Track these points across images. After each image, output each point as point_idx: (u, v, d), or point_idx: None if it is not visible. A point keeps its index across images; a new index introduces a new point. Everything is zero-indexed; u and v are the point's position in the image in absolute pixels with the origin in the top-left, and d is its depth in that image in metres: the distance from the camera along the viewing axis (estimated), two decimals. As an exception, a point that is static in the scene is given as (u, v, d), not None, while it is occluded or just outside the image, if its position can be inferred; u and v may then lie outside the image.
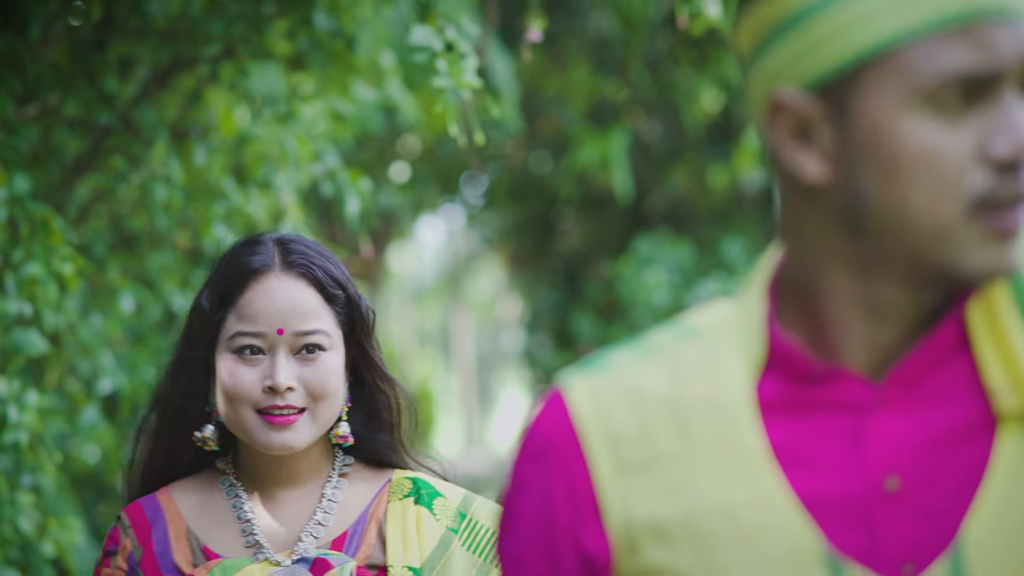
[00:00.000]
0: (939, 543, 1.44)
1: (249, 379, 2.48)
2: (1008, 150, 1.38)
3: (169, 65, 4.73)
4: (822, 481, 1.46)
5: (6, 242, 4.12)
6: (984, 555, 1.44)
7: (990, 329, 1.48)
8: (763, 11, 1.46)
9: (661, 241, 8.58)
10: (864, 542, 1.44)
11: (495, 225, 12.27)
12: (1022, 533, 1.45)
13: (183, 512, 2.53)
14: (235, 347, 2.50)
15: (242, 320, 2.51)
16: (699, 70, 8.47)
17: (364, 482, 2.60)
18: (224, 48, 4.59)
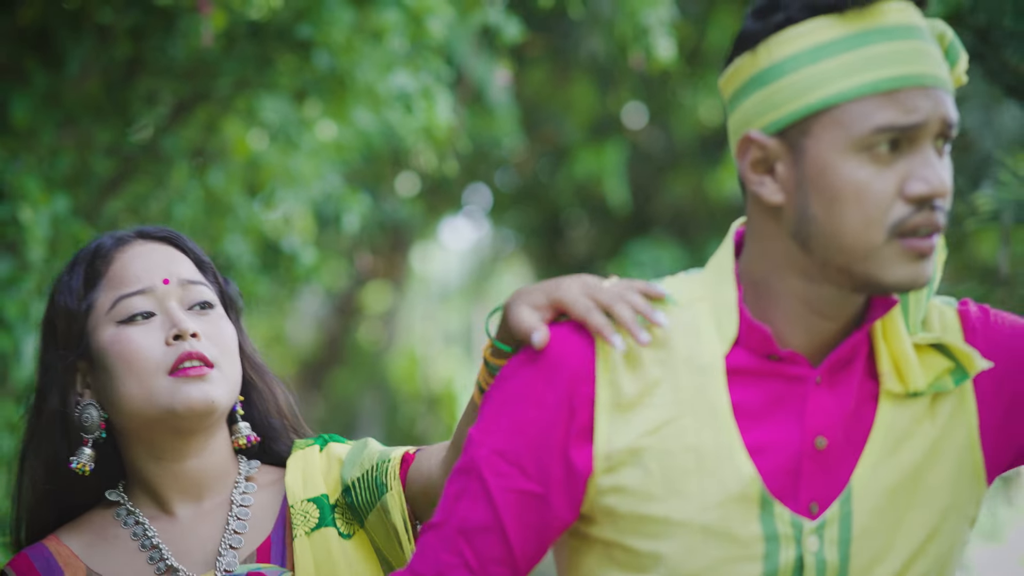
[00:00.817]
0: (837, 487, 1.82)
1: (148, 340, 2.17)
2: (922, 191, 1.75)
3: (189, 98, 5.13)
4: (769, 436, 1.82)
5: (48, 255, 4.54)
6: (864, 496, 1.82)
7: (885, 328, 1.87)
8: (742, 67, 1.78)
9: (656, 246, 8.92)
10: (790, 486, 1.81)
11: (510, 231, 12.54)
12: (892, 478, 1.84)
13: (79, 554, 2.20)
14: (121, 317, 2.19)
15: (120, 286, 2.20)
16: (691, 87, 8.81)
17: (273, 485, 2.29)
18: (237, 83, 5.00)
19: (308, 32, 4.65)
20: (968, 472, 1.86)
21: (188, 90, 5.10)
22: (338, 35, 4.63)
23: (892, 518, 1.82)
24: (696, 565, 1.79)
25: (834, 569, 1.79)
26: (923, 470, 1.84)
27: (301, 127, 5.15)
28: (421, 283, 18.58)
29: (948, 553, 1.86)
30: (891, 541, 1.82)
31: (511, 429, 1.82)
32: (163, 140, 5.14)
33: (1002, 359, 1.86)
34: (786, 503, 1.80)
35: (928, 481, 1.84)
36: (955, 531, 1.86)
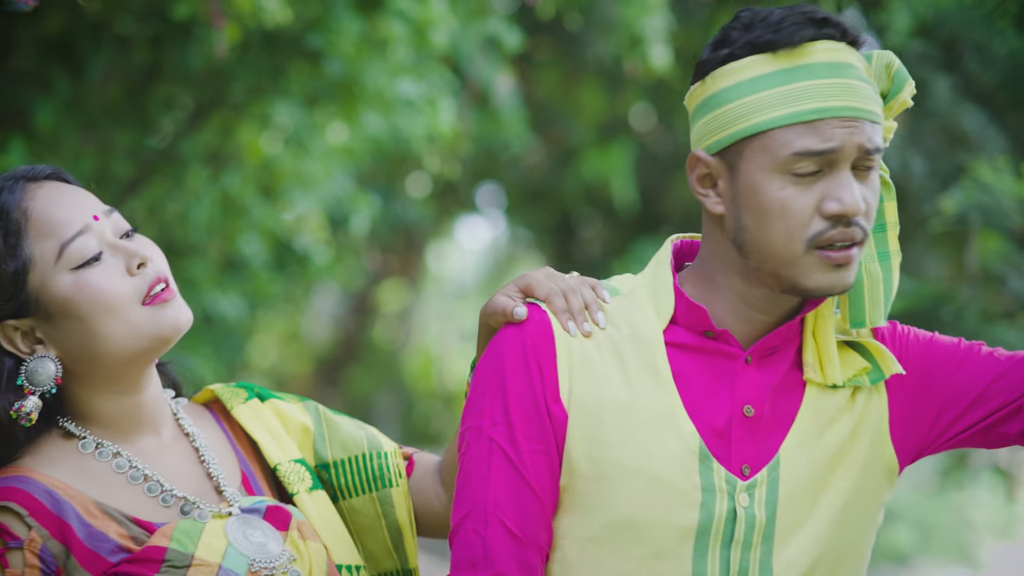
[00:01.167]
0: (767, 456, 2.08)
1: (112, 278, 2.14)
2: (835, 209, 2.02)
3: (205, 103, 5.27)
4: (704, 401, 2.09)
5: None
6: (790, 465, 2.07)
7: (816, 325, 2.14)
8: (696, 92, 2.11)
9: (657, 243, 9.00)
10: (723, 447, 2.07)
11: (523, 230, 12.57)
12: (815, 455, 2.08)
13: (75, 485, 2.14)
14: (75, 263, 2.12)
15: (54, 234, 2.12)
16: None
17: (200, 416, 2.33)
18: (250, 89, 5.12)
19: (318, 41, 4.77)
20: (879, 459, 2.11)
21: (204, 96, 5.24)
22: (346, 44, 4.75)
23: (813, 488, 2.06)
24: (640, 509, 2.02)
25: (761, 526, 2.03)
26: (842, 452, 2.09)
27: (312, 131, 5.28)
28: (436, 282, 18.63)
29: (862, 527, 2.11)
30: (812, 508, 2.06)
31: (506, 401, 2.08)
32: (180, 144, 5.26)
33: (907, 366, 2.14)
34: (722, 463, 2.05)
35: (845, 461, 2.09)
36: (868, 509, 2.11)
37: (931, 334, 2.21)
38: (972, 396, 2.13)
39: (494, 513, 2.06)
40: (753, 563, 2.03)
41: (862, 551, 2.14)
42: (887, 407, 2.13)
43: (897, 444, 2.13)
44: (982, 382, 2.13)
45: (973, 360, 2.15)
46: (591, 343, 2.11)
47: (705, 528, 2.02)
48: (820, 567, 2.06)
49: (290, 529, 2.19)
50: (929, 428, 2.14)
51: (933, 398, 2.14)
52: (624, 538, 2.04)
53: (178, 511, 2.16)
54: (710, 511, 2.03)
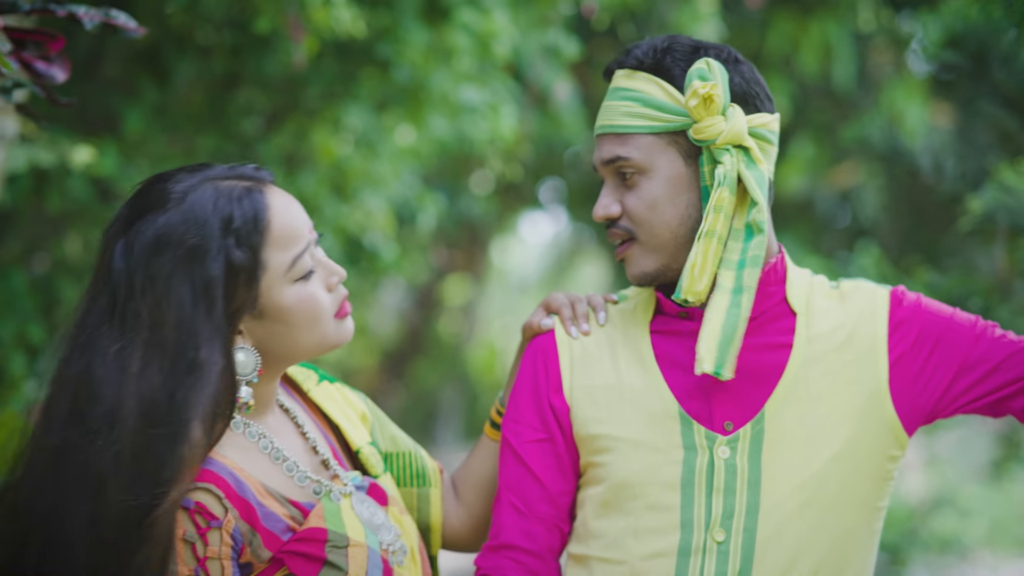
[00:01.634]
0: (752, 411, 2.36)
1: (321, 292, 2.29)
2: (594, 214, 2.39)
3: (281, 108, 5.49)
4: (684, 376, 2.38)
5: None
6: (776, 419, 2.35)
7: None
8: None
9: None
10: (705, 409, 2.36)
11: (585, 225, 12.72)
12: (798, 406, 2.34)
13: (246, 468, 2.26)
14: (299, 275, 2.26)
15: (289, 245, 2.25)
16: None
17: (283, 393, 2.44)
18: (324, 95, 5.33)
19: (387, 51, 4.97)
20: (877, 416, 2.36)
21: (280, 102, 5.46)
22: (414, 53, 4.96)
23: (802, 440, 2.34)
24: (631, 469, 2.35)
25: (744, 474, 2.32)
26: (832, 407, 2.36)
27: (382, 134, 5.46)
28: (500, 276, 18.83)
29: (858, 477, 2.36)
30: (800, 457, 2.33)
31: (517, 401, 2.50)
32: (258, 146, 5.48)
33: (916, 330, 2.40)
34: (702, 423, 2.35)
35: (836, 416, 2.35)
36: (864, 461, 2.36)
37: (952, 308, 2.44)
38: (989, 367, 2.36)
39: (504, 495, 2.46)
40: (740, 506, 2.31)
41: (862, 502, 2.37)
42: (887, 369, 2.37)
43: (899, 404, 2.36)
44: (998, 356, 2.36)
45: (989, 336, 2.39)
46: (591, 342, 2.47)
47: (688, 480, 2.32)
48: (811, 509, 2.31)
49: (389, 504, 2.39)
50: (944, 391, 2.37)
51: (951, 363, 2.37)
52: (623, 496, 2.36)
53: (311, 491, 2.30)
54: (691, 465, 2.33)
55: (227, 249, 2.18)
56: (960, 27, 3.92)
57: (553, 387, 2.46)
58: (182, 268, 2.17)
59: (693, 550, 2.33)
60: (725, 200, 2.31)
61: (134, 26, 2.70)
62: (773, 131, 2.42)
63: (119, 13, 2.68)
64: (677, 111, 2.33)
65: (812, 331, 2.41)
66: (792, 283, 2.44)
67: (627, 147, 2.36)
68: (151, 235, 2.19)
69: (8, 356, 4.89)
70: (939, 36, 3.94)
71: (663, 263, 2.39)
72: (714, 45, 2.42)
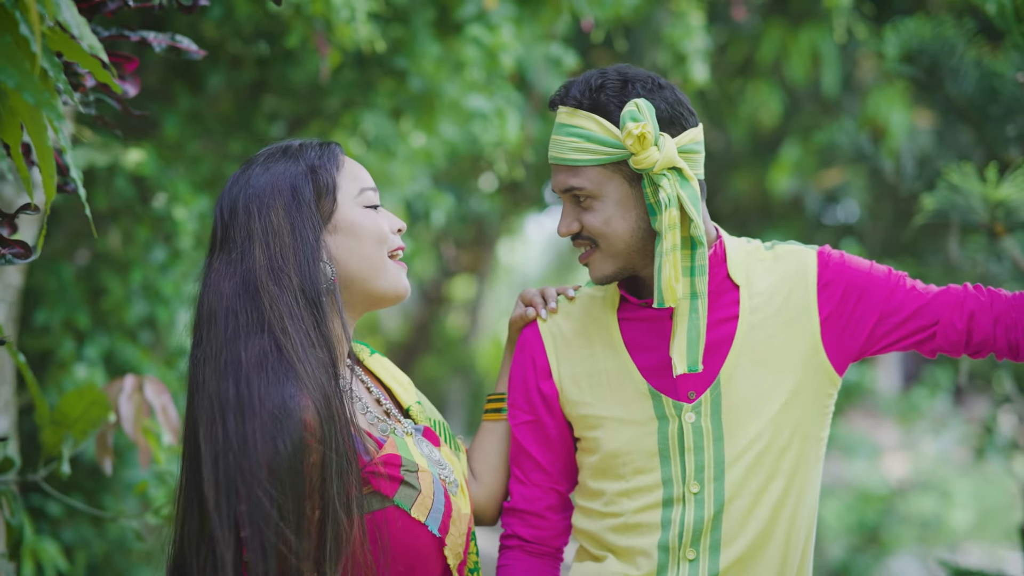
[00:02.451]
0: (709, 380, 2.76)
1: (384, 225, 2.66)
2: (559, 231, 2.72)
3: (304, 114, 5.78)
4: (650, 356, 2.79)
5: (195, 244, 5.30)
6: (729, 382, 2.75)
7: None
8: None
9: None
10: (670, 383, 2.77)
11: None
12: (747, 369, 2.73)
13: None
14: (367, 203, 2.66)
15: (357, 180, 2.66)
16: (745, 94, 9.48)
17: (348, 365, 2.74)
18: (344, 102, 5.66)
19: (403, 63, 5.30)
20: (814, 365, 2.79)
21: (303, 108, 5.77)
22: (427, 65, 5.27)
23: (754, 397, 2.76)
24: (618, 442, 2.80)
25: (709, 433, 2.75)
26: (777, 365, 2.77)
27: (397, 138, 5.74)
28: (506, 273, 19.12)
29: (805, 419, 2.79)
30: (754, 411, 2.75)
31: (511, 389, 2.94)
32: None
33: (842, 286, 2.81)
34: (669, 395, 2.78)
35: (781, 372, 2.77)
36: (808, 405, 2.79)
37: (869, 263, 2.85)
38: (904, 315, 2.79)
39: (512, 468, 2.94)
40: (708, 460, 2.75)
41: (809, 436, 2.79)
42: (819, 324, 2.78)
43: (831, 351, 2.78)
44: (912, 306, 2.79)
45: (903, 288, 2.81)
46: (570, 332, 2.89)
47: (664, 444, 2.76)
48: (768, 454, 2.75)
49: (441, 445, 2.77)
50: (867, 336, 2.80)
51: (872, 313, 2.79)
52: (613, 464, 2.81)
53: (379, 430, 2.64)
54: (664, 432, 2.77)
55: (311, 174, 2.60)
56: (916, 44, 4.34)
57: (542, 375, 2.89)
58: (280, 192, 2.59)
59: (675, 501, 2.76)
60: (675, 217, 2.68)
61: (195, 49, 3.14)
62: (698, 141, 2.78)
63: (183, 38, 3.12)
64: (616, 145, 2.69)
65: (754, 300, 2.81)
66: (732, 260, 2.83)
67: (578, 178, 2.72)
68: (247, 178, 2.63)
69: (58, 341, 5.27)
70: (896, 52, 4.35)
71: (620, 266, 2.77)
72: (639, 76, 2.76)
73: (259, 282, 2.50)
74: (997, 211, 4.04)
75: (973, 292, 2.80)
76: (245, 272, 2.52)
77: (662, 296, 2.69)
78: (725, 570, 2.73)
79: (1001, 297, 2.79)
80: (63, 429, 3.56)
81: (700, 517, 2.74)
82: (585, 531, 2.86)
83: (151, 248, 5.40)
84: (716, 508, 2.74)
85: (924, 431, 9.24)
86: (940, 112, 4.47)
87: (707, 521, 2.74)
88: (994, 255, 4.40)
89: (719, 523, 2.74)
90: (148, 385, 3.72)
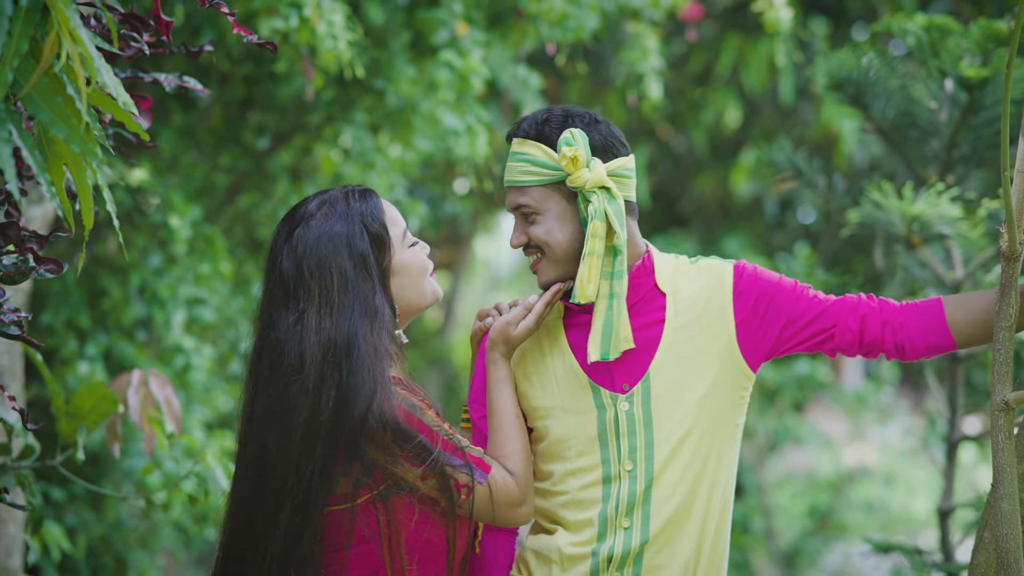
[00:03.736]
0: (640, 373, 3.20)
1: (424, 255, 3.22)
2: (510, 243, 3.16)
3: (288, 129, 6.11)
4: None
5: (189, 250, 5.62)
6: (658, 375, 3.19)
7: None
8: None
9: (675, 239, 9.93)
10: (607, 378, 3.21)
11: None
12: (672, 364, 3.16)
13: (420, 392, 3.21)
14: (411, 242, 3.20)
15: (398, 223, 3.18)
16: (705, 100, 9.85)
17: None
18: (325, 118, 5.99)
19: (381, 83, 5.66)
20: (731, 362, 3.24)
21: (287, 123, 6.10)
22: (403, 85, 5.64)
23: (678, 388, 3.21)
24: (563, 429, 3.24)
25: (641, 419, 3.20)
26: (698, 361, 3.21)
27: (375, 151, 6.06)
28: (483, 268, 19.44)
29: (722, 408, 3.24)
30: (678, 401, 3.20)
31: (474, 388, 3.37)
32: (268, 161, 6.12)
33: (754, 295, 3.25)
34: (607, 388, 3.22)
35: (701, 367, 3.21)
36: (725, 396, 3.24)
37: (779, 276, 3.29)
38: (806, 320, 3.23)
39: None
40: (640, 441, 3.20)
41: (726, 423, 3.24)
42: (735, 327, 3.23)
43: (745, 351, 3.23)
44: (812, 312, 3.24)
45: (806, 297, 3.25)
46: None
47: (603, 430, 3.21)
48: (691, 437, 3.19)
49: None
50: (777, 336, 3.24)
51: (780, 316, 3.24)
52: (560, 448, 3.26)
53: None
54: (603, 419, 3.22)
55: (366, 228, 3.10)
56: (842, 72, 4.77)
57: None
58: (342, 249, 3.06)
59: (612, 478, 3.21)
60: (599, 228, 3.13)
61: (201, 88, 3.57)
62: (629, 168, 3.22)
63: (190, 79, 3.55)
64: (556, 168, 3.14)
65: (678, 306, 3.24)
66: (659, 271, 3.27)
67: (525, 196, 3.18)
68: (311, 236, 3.09)
69: (62, 340, 5.65)
70: (825, 80, 4.78)
71: (562, 271, 3.22)
72: (579, 112, 3.23)
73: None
74: (913, 225, 4.49)
75: (865, 300, 3.26)
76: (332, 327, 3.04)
77: (576, 291, 3.15)
78: (655, 536, 3.18)
79: (889, 304, 3.25)
80: (77, 420, 3.99)
81: (633, 491, 3.19)
82: (538, 508, 3.31)
83: (148, 254, 5.71)
84: (647, 483, 3.19)
85: (871, 422, 9.65)
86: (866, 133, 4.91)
87: (639, 494, 3.19)
88: (917, 263, 4.84)
89: (649, 496, 3.19)
90: (153, 379, 4.15)
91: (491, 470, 3.13)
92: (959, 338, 3.20)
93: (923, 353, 3.24)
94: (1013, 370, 3.12)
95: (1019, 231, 2.94)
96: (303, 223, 3.11)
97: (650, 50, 6.02)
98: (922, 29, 4.56)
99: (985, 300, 3.16)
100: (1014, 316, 2.98)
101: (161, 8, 3.32)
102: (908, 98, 4.71)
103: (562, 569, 3.23)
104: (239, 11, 5.02)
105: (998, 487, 2.98)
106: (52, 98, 2.46)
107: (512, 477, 3.16)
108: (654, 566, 3.19)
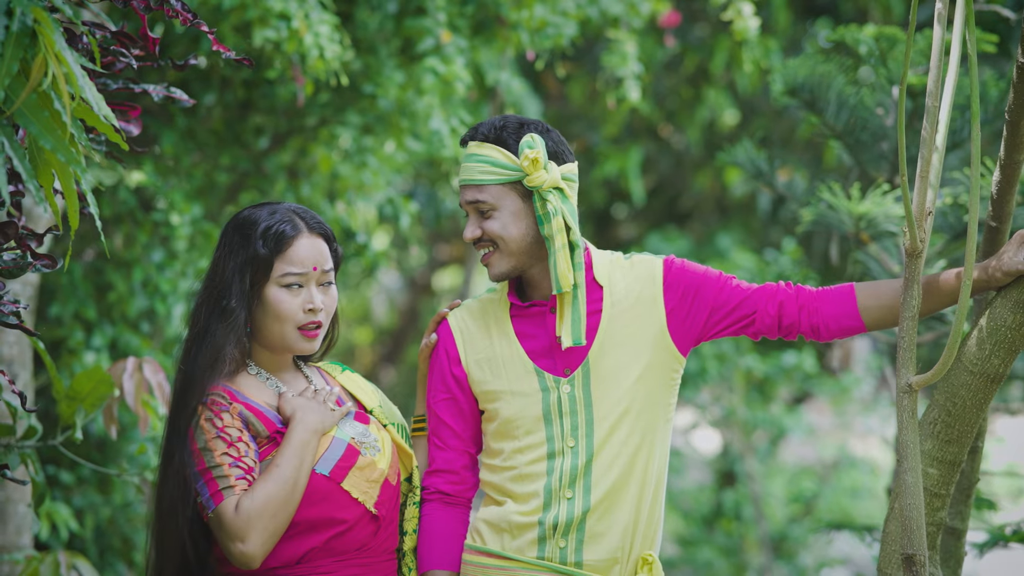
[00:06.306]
0: (580, 359, 3.46)
1: (293, 305, 3.34)
2: (465, 237, 3.44)
3: (285, 130, 6.33)
4: (536, 343, 3.50)
5: (189, 247, 5.87)
6: (596, 360, 3.45)
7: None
8: None
9: (669, 236, 10.20)
10: (551, 362, 3.48)
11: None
12: (608, 350, 3.41)
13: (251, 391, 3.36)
14: (285, 283, 3.31)
15: (290, 265, 3.31)
16: (699, 100, 10.10)
17: (314, 372, 3.58)
18: (320, 120, 6.23)
19: (371, 88, 5.90)
20: (662, 347, 3.50)
21: (285, 125, 6.32)
22: (392, 89, 5.88)
23: (615, 372, 3.48)
24: (512, 410, 3.51)
25: (582, 400, 3.47)
26: (632, 347, 3.48)
27: (368, 151, 6.31)
28: None
29: (656, 389, 3.51)
30: (615, 383, 3.47)
31: (431, 378, 3.62)
32: (266, 161, 6.34)
33: (682, 287, 3.52)
34: (550, 372, 3.49)
35: (635, 352, 3.48)
36: (658, 378, 3.51)
37: (705, 268, 3.55)
38: (729, 307, 3.50)
39: (430, 437, 3.63)
40: (582, 420, 3.47)
41: (659, 403, 3.50)
42: (665, 316, 3.49)
43: (675, 337, 3.50)
44: (735, 300, 3.50)
45: (729, 286, 3.51)
46: (474, 328, 3.57)
47: (547, 411, 3.49)
48: (627, 416, 3.46)
49: (370, 423, 3.50)
50: (704, 323, 3.51)
51: (706, 304, 3.50)
52: (509, 427, 3.53)
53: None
54: (547, 401, 3.50)
55: (261, 245, 3.32)
56: (797, 80, 5.04)
57: (454, 362, 3.58)
58: (240, 247, 3.33)
59: (556, 454, 3.48)
60: (561, 224, 3.40)
61: (187, 98, 3.87)
62: (575, 173, 3.49)
63: (176, 89, 3.84)
64: (514, 168, 3.40)
65: (614, 297, 3.50)
66: (597, 266, 3.52)
67: (483, 193, 3.42)
68: (242, 215, 3.42)
69: (69, 331, 5.90)
70: (781, 87, 5.05)
71: (513, 265, 3.47)
72: (532, 121, 3.49)
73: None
74: (860, 223, 4.77)
75: (784, 287, 3.53)
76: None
77: (559, 283, 3.39)
78: (595, 505, 3.46)
79: (806, 290, 3.53)
80: (76, 403, 4.27)
81: (575, 465, 3.47)
82: (489, 482, 3.59)
83: (150, 250, 5.94)
84: (587, 458, 3.47)
85: (855, 413, 9.88)
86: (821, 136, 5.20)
87: (580, 468, 3.47)
88: (873, 258, 5.11)
89: (589, 469, 3.46)
90: (146, 366, 4.43)
91: (222, 503, 3.24)
92: (869, 322, 3.48)
93: (836, 334, 3.51)
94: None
95: (919, 231, 3.22)
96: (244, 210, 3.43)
97: (629, 55, 6.26)
98: (872, 39, 4.83)
99: (892, 288, 3.43)
100: (916, 307, 3.25)
101: (149, 26, 3.61)
102: (860, 103, 4.97)
103: (512, 537, 3.50)
104: (235, 21, 5.28)
105: (903, 461, 3.26)
106: (40, 112, 2.75)
107: (237, 512, 3.22)
108: (595, 533, 3.47)
